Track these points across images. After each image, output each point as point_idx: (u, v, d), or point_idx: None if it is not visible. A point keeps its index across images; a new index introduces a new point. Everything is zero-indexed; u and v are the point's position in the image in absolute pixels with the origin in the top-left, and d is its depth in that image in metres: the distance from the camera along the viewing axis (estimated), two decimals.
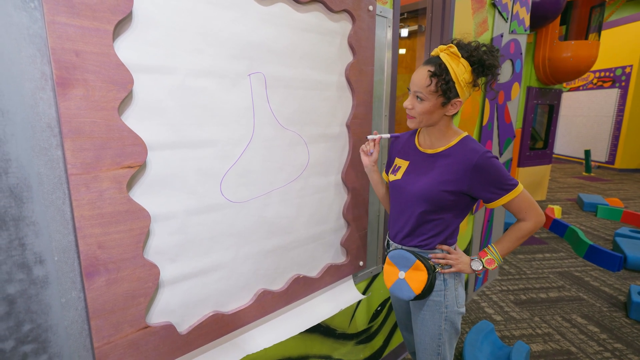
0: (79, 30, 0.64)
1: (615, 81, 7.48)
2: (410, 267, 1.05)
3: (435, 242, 1.06)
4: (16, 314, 0.65)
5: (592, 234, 3.82)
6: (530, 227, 0.98)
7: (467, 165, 0.95)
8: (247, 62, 0.92)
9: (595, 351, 1.95)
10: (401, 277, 1.06)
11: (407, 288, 1.05)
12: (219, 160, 0.91)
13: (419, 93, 0.94)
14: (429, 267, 1.03)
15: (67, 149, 0.65)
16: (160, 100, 0.78)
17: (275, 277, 1.11)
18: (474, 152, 0.95)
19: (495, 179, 0.95)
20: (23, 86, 0.61)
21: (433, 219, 1.03)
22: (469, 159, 0.95)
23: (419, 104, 0.96)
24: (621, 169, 7.52)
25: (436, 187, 0.98)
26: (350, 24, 1.17)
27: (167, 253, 0.84)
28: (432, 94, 0.93)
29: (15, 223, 0.63)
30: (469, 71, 0.92)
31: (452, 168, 0.97)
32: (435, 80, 0.91)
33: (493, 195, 0.97)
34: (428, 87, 0.93)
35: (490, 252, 1.03)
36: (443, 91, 0.92)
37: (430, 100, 0.94)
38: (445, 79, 0.90)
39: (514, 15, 2.18)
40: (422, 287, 1.02)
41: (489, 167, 0.94)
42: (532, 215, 0.98)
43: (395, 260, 1.08)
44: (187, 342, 0.90)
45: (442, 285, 1.06)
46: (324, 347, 1.38)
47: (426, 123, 0.99)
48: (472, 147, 0.97)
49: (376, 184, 1.21)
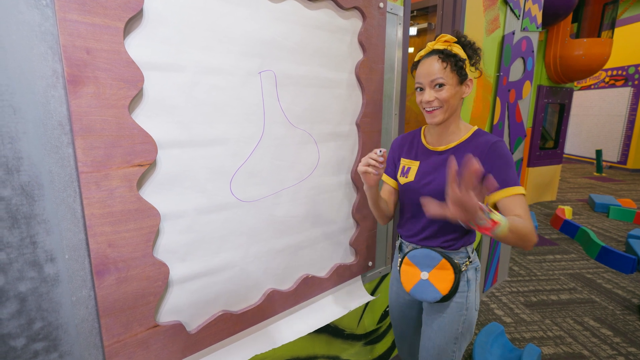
0: (90, 28, 0.64)
1: (627, 80, 7.33)
2: (435, 267, 1.00)
3: (459, 243, 1.01)
4: (27, 311, 0.65)
5: (604, 235, 3.75)
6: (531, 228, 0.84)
7: (483, 149, 0.94)
8: (258, 59, 0.91)
9: (609, 355, 1.90)
10: (424, 278, 1.01)
11: (433, 289, 1.00)
12: (229, 159, 0.90)
13: (439, 79, 0.93)
14: (456, 265, 0.99)
15: (78, 147, 0.65)
16: (170, 98, 0.78)
17: (284, 276, 1.10)
18: (489, 139, 0.95)
19: (504, 167, 0.92)
20: (34, 84, 0.61)
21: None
22: (484, 144, 0.94)
23: (442, 91, 0.94)
24: (634, 169, 7.37)
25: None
26: (360, 21, 1.15)
27: (177, 252, 0.84)
28: (450, 74, 0.94)
29: (27, 221, 0.63)
30: (464, 53, 0.97)
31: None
32: (448, 61, 0.93)
33: (504, 181, 0.90)
34: (445, 70, 0.93)
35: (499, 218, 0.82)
36: (458, 69, 0.94)
37: (451, 83, 0.94)
38: (457, 58, 0.94)
39: (526, 12, 2.15)
40: (449, 286, 0.98)
41: (502, 152, 0.93)
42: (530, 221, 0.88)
43: (417, 260, 1.03)
44: (196, 341, 0.89)
45: (466, 287, 1.02)
46: (332, 347, 1.36)
47: (451, 112, 0.97)
48: (486, 136, 0.97)
49: (375, 200, 1.06)
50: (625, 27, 7.32)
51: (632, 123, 7.27)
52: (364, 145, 1.25)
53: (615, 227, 4.00)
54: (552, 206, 4.91)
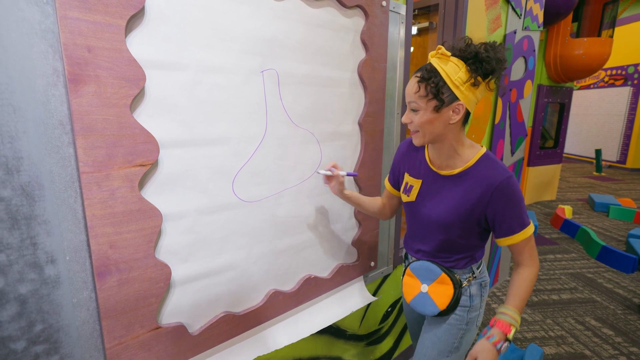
0: (91, 26, 0.63)
1: (627, 79, 7.34)
2: (435, 280, 0.98)
3: (461, 264, 0.97)
4: (28, 314, 0.64)
5: (604, 234, 3.75)
6: (535, 274, 0.90)
7: (489, 186, 0.85)
8: (260, 58, 0.90)
9: (610, 355, 1.90)
10: (424, 291, 0.99)
11: (431, 303, 0.98)
12: (231, 159, 0.89)
13: (412, 103, 0.86)
14: (456, 281, 0.96)
15: (79, 146, 0.64)
16: (172, 97, 0.77)
17: (286, 277, 1.09)
18: (498, 173, 0.86)
19: (514, 211, 0.86)
20: (35, 82, 0.60)
21: (456, 244, 0.95)
22: (492, 180, 0.85)
23: (415, 116, 0.87)
24: (633, 169, 7.38)
25: (457, 215, 0.90)
26: (363, 20, 1.14)
27: (179, 253, 0.83)
28: (423, 100, 0.84)
29: (27, 222, 0.62)
30: (463, 69, 0.81)
31: (473, 192, 0.88)
32: (423, 84, 0.83)
33: (511, 228, 0.87)
34: (417, 94, 0.84)
35: (510, 317, 0.87)
36: (434, 94, 0.82)
37: (424, 108, 0.85)
38: (434, 81, 0.82)
39: (528, 11, 2.14)
40: (447, 302, 0.95)
41: (512, 193, 0.85)
42: (535, 260, 0.90)
43: (418, 272, 1.01)
44: (198, 342, 0.88)
45: (468, 302, 0.98)
46: (335, 348, 1.36)
47: (431, 137, 0.89)
48: (494, 167, 0.87)
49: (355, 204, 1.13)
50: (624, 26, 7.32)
51: (631, 122, 7.27)
52: (366, 144, 1.24)
53: (615, 227, 4.00)
54: (552, 205, 4.91)
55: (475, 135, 1.98)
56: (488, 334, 0.87)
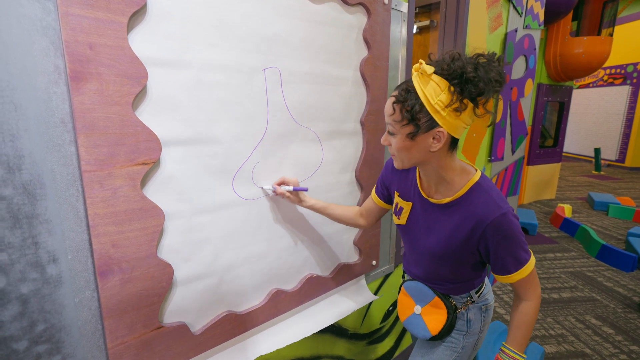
0: (93, 22, 0.62)
1: (626, 78, 7.34)
2: (428, 303, 0.94)
3: (455, 291, 0.92)
4: (30, 313, 0.63)
5: (604, 233, 3.76)
6: (536, 307, 0.84)
7: (481, 222, 0.77)
8: (262, 56, 0.90)
9: (611, 353, 1.91)
10: (417, 312, 0.95)
11: (423, 326, 0.94)
12: (232, 157, 0.89)
13: (389, 126, 0.78)
14: (450, 306, 0.91)
15: (81, 145, 0.63)
16: (174, 95, 0.76)
17: (288, 276, 1.09)
18: (490, 209, 0.76)
19: (509, 250, 0.78)
20: (36, 80, 0.59)
21: (449, 275, 0.90)
22: (484, 216, 0.76)
23: (392, 139, 0.79)
24: (632, 168, 7.39)
25: (447, 248, 0.84)
26: (365, 18, 1.14)
27: (181, 252, 0.83)
28: (398, 124, 0.75)
29: (29, 221, 0.61)
30: (446, 91, 0.69)
31: (463, 226, 0.80)
32: (399, 106, 0.73)
33: (505, 267, 0.80)
34: (392, 116, 0.76)
35: (511, 357, 0.84)
36: (408, 120, 0.72)
37: (400, 133, 0.76)
38: (410, 104, 0.71)
39: (529, 9, 2.14)
40: (439, 327, 0.91)
41: (507, 231, 0.76)
42: (536, 293, 0.83)
43: (412, 292, 0.97)
44: (201, 342, 0.88)
45: (465, 327, 0.93)
46: (336, 347, 1.35)
47: (410, 163, 0.80)
48: (487, 199, 0.78)
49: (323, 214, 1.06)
50: (623, 25, 7.33)
51: (630, 121, 7.28)
52: (368, 143, 1.23)
53: (614, 225, 4.01)
54: (552, 204, 4.92)
55: (476, 134, 1.98)
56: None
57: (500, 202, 0.77)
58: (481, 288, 0.95)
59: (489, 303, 0.97)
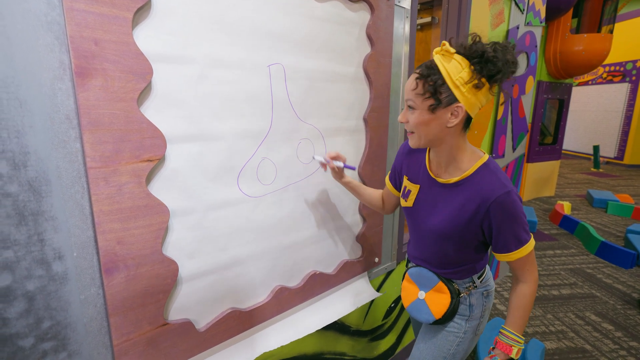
0: (98, 18, 0.61)
1: (625, 75, 7.35)
2: (432, 288, 0.96)
3: (459, 275, 0.94)
4: (35, 310, 0.63)
5: (603, 230, 3.77)
6: (533, 290, 0.87)
7: (485, 200, 0.80)
8: (266, 52, 0.89)
9: (611, 349, 1.92)
10: (421, 298, 0.98)
11: (427, 310, 0.96)
12: (236, 154, 0.89)
13: (409, 101, 0.81)
14: (453, 290, 0.94)
15: (86, 141, 0.63)
16: (179, 92, 0.76)
17: (292, 273, 1.09)
18: (496, 186, 0.80)
19: (511, 228, 0.81)
20: (41, 76, 0.59)
21: (453, 256, 0.92)
22: (489, 194, 0.80)
23: (411, 115, 0.82)
24: (630, 165, 7.41)
25: (452, 227, 0.86)
26: (368, 14, 1.13)
27: (185, 249, 0.82)
28: (420, 98, 0.79)
29: (34, 218, 0.61)
30: (467, 69, 0.75)
31: (469, 204, 0.83)
32: (422, 82, 0.78)
33: (506, 245, 0.83)
34: (415, 91, 0.79)
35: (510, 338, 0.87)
36: (431, 93, 0.77)
37: (420, 107, 0.79)
38: (433, 79, 0.76)
39: (530, 6, 2.13)
40: (443, 311, 0.93)
41: (510, 209, 0.80)
42: (533, 276, 0.86)
43: (416, 278, 1.00)
44: (205, 339, 0.88)
45: (467, 311, 0.96)
46: (339, 344, 1.36)
47: (427, 140, 0.83)
48: (493, 179, 0.81)
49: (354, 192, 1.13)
50: (622, 22, 7.32)
51: (629, 119, 7.29)
52: (371, 140, 1.23)
53: (613, 223, 4.02)
54: (551, 201, 4.93)
55: (477, 131, 1.98)
56: (492, 353, 0.89)
57: (505, 182, 0.81)
58: (483, 273, 0.98)
59: (490, 289, 1.00)
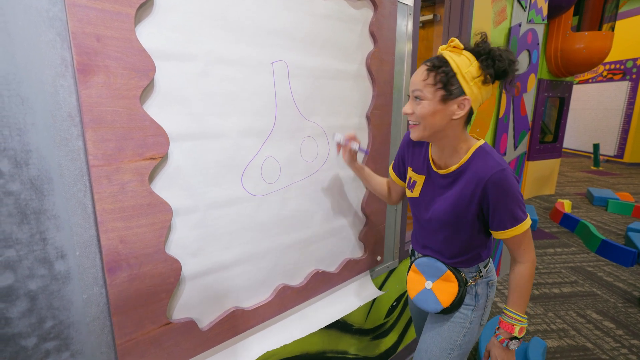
0: (101, 14, 0.61)
1: (625, 73, 7.34)
2: (440, 278, 0.97)
3: (466, 263, 0.96)
4: (38, 310, 0.63)
5: (604, 228, 3.77)
6: (531, 270, 0.88)
7: (481, 180, 0.83)
8: (269, 49, 0.88)
9: (612, 347, 1.92)
10: (428, 287, 0.98)
11: (434, 300, 0.97)
12: (240, 152, 0.88)
13: (418, 92, 0.83)
14: (461, 279, 0.95)
15: (89, 139, 0.62)
16: (181, 89, 0.75)
17: (294, 272, 1.09)
18: (490, 166, 0.83)
19: (507, 205, 0.83)
20: (43, 73, 0.58)
21: (459, 243, 0.94)
22: (484, 174, 0.83)
23: (418, 106, 0.84)
24: (630, 163, 7.41)
25: (454, 214, 0.89)
26: (371, 11, 1.13)
27: (188, 247, 0.82)
28: (430, 88, 0.81)
29: (36, 216, 0.60)
30: (475, 65, 0.79)
31: (467, 188, 0.86)
32: (433, 73, 0.80)
33: (502, 223, 0.85)
34: (425, 81, 0.81)
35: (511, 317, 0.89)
36: (443, 83, 0.79)
37: (430, 98, 0.81)
38: (445, 71, 0.79)
39: (533, 3, 2.12)
40: (451, 299, 0.94)
41: (505, 186, 0.82)
42: (529, 255, 0.88)
43: (423, 269, 1.00)
44: (208, 338, 0.87)
45: (473, 301, 0.97)
46: (341, 342, 1.36)
47: (431, 131, 0.85)
48: (487, 160, 0.84)
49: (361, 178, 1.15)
50: (623, 20, 7.30)
51: (629, 117, 7.29)
52: (374, 138, 1.23)
53: (614, 221, 4.02)
54: (551, 200, 4.93)
55: (479, 129, 1.97)
56: (496, 332, 0.92)
57: (500, 161, 0.84)
58: (488, 263, 1.00)
59: (494, 280, 1.02)
